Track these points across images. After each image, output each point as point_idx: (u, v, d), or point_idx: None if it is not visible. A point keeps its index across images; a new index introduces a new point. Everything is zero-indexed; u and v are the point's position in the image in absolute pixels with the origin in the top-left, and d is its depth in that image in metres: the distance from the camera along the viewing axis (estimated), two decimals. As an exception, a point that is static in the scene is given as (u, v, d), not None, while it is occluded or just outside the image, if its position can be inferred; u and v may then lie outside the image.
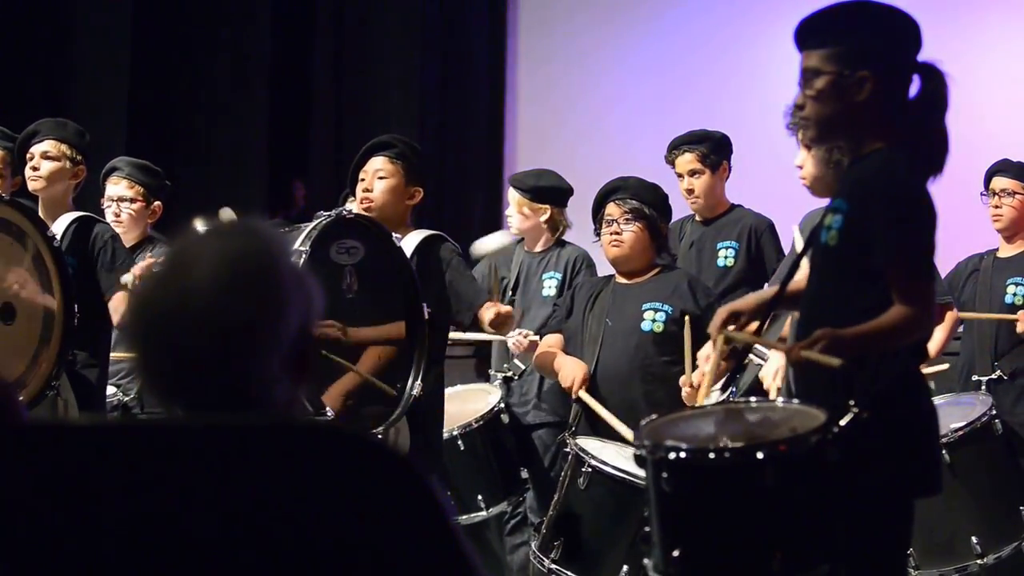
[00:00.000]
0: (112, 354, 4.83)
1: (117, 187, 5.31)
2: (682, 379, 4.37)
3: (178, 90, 8.05)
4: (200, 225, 3.85)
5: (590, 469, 4.17)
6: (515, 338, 5.24)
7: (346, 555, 1.34)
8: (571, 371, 4.57)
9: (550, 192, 5.53)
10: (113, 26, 7.75)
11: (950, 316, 5.08)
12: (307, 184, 8.44)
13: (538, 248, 5.59)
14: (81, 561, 1.36)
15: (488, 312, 4.29)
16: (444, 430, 4.80)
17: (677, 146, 5.43)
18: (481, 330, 4.50)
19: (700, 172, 5.38)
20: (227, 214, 3.91)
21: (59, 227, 4.65)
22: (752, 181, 6.01)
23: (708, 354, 4.10)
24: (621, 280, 4.74)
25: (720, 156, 5.40)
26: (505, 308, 4.33)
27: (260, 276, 1.64)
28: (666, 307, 4.61)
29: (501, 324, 4.31)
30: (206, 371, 1.61)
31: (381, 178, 4.43)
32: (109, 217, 5.23)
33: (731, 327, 3.19)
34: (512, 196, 5.55)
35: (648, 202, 4.65)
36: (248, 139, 8.14)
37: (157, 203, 5.36)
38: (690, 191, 5.40)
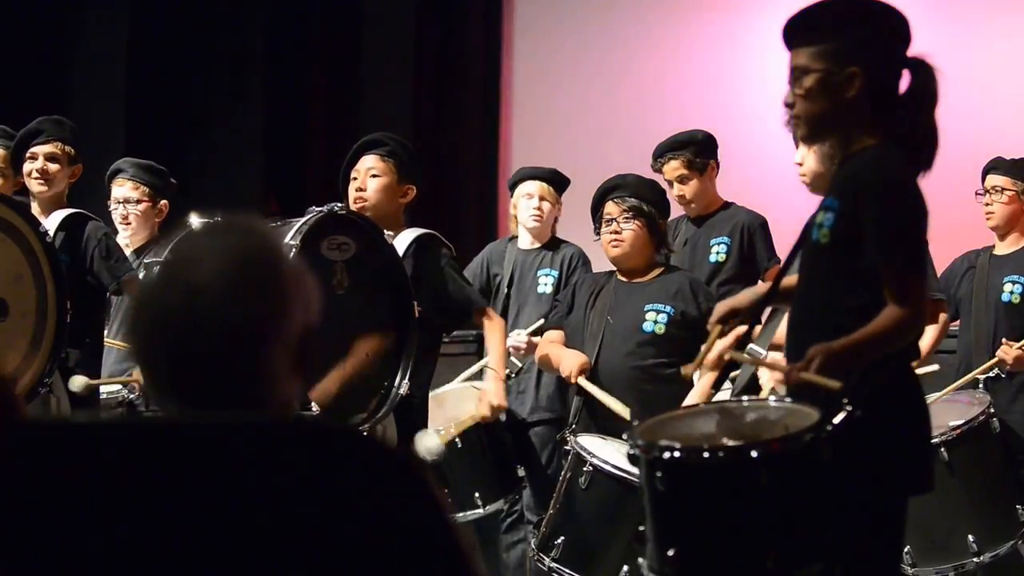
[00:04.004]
0: (116, 344, 4.89)
1: (122, 189, 5.33)
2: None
3: (176, 91, 8.05)
4: (196, 221, 3.86)
5: (591, 468, 4.16)
6: (514, 340, 5.27)
7: (345, 551, 1.35)
8: (571, 361, 4.58)
9: (566, 187, 5.58)
10: (111, 23, 7.75)
11: (941, 315, 5.09)
12: (303, 184, 8.44)
13: (535, 245, 5.59)
14: (78, 558, 1.36)
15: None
16: (441, 428, 4.80)
17: (662, 154, 5.35)
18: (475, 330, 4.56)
19: (688, 178, 5.34)
20: (195, 220, 3.90)
21: (52, 223, 4.67)
22: (748, 178, 6.02)
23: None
24: (623, 279, 4.73)
25: (706, 157, 5.35)
26: (497, 402, 4.62)
27: (265, 273, 1.63)
28: (668, 308, 4.61)
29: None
30: (211, 369, 1.60)
31: (374, 176, 4.42)
32: (117, 219, 5.27)
33: (731, 337, 3.20)
34: (538, 187, 5.54)
35: (647, 199, 4.65)
36: (245, 138, 8.14)
37: (164, 202, 5.37)
38: (682, 197, 5.36)
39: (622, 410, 4.31)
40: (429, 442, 4.29)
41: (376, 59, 8.26)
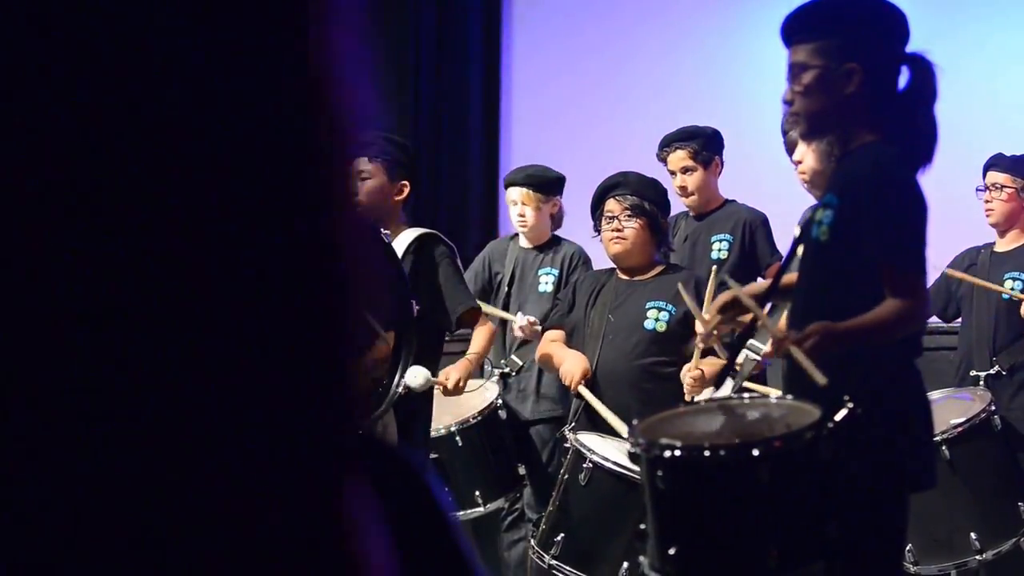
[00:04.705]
0: None
1: None
2: (685, 369, 4.37)
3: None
4: None
5: (591, 465, 4.16)
6: (522, 322, 5.25)
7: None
8: (571, 366, 4.57)
9: (559, 184, 5.56)
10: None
11: None
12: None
13: (536, 243, 5.58)
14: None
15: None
16: (442, 426, 4.79)
17: (668, 143, 5.40)
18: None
19: (692, 169, 5.36)
20: None
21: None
22: (748, 177, 6.02)
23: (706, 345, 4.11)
24: (624, 277, 4.73)
25: (712, 151, 5.38)
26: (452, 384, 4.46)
27: None
28: (670, 307, 4.60)
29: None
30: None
31: (364, 179, 4.41)
32: None
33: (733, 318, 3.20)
34: (520, 193, 5.52)
35: (648, 198, 4.65)
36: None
37: None
38: (683, 188, 5.37)
39: (619, 426, 4.30)
40: (416, 371, 4.21)
41: (376, 57, 8.25)
